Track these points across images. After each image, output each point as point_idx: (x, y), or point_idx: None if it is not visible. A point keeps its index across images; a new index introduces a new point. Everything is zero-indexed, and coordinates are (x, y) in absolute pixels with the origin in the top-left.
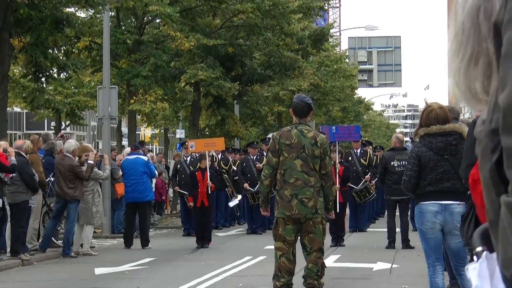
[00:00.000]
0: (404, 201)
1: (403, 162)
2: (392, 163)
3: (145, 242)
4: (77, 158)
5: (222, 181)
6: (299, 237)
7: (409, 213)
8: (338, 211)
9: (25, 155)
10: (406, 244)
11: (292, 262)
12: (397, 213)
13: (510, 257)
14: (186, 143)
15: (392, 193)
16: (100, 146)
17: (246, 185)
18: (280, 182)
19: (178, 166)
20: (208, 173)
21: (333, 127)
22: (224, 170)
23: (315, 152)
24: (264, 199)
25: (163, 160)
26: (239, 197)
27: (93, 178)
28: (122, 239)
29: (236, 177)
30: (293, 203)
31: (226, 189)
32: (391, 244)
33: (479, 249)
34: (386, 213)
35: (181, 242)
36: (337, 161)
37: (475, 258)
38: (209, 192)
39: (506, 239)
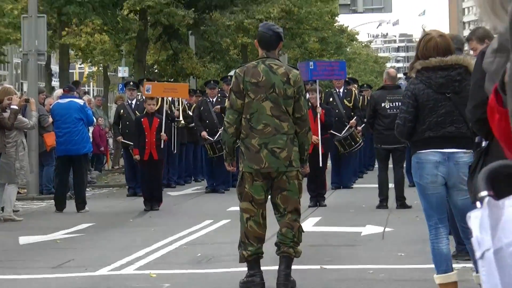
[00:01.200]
0: (398, 150)
1: (396, 103)
2: (382, 104)
3: (81, 204)
4: None
5: (177, 130)
6: (269, 196)
7: (404, 165)
8: (320, 164)
9: None
10: (402, 203)
11: (261, 227)
12: (390, 165)
13: None
14: (136, 85)
15: (383, 141)
16: (25, 88)
17: (204, 133)
18: (246, 129)
19: (121, 111)
20: (160, 120)
21: (311, 63)
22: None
23: (287, 91)
24: (229, 150)
25: (102, 104)
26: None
27: (17, 126)
28: (53, 200)
29: (192, 124)
30: (263, 154)
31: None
32: (383, 203)
33: (483, 193)
34: (376, 166)
35: (125, 204)
36: (317, 104)
37: (478, 204)
38: (162, 144)
39: None
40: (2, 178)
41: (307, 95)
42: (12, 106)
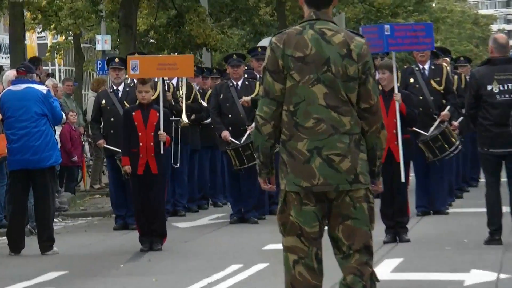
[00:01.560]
0: None
1: (510, 84)
2: (489, 87)
3: (46, 243)
4: None
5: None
6: (326, 228)
7: None
8: (402, 179)
9: None
10: None
11: (315, 273)
12: (504, 179)
13: None
14: (124, 62)
15: (491, 143)
16: None
17: (225, 133)
18: (290, 127)
19: (103, 101)
20: (159, 114)
21: (386, 26)
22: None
23: (348, 69)
24: (265, 159)
25: (74, 92)
26: None
27: None
28: (5, 237)
29: (208, 120)
30: (314, 164)
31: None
32: (494, 236)
33: None
34: (482, 180)
35: (112, 242)
36: (395, 88)
37: None
38: (161, 149)
39: None
40: None
41: (377, 75)
42: None
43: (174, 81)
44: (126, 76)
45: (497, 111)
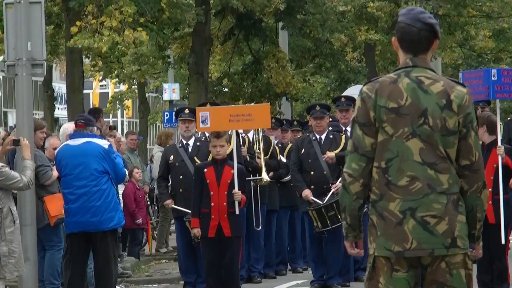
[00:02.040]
0: None
1: None
2: None
3: None
4: None
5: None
6: None
7: None
8: (502, 241)
9: None
10: None
11: None
12: None
13: None
14: (193, 114)
15: None
16: (11, 121)
17: (307, 192)
18: (381, 185)
19: (171, 157)
20: (233, 171)
21: (493, 71)
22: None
23: (448, 122)
24: (352, 221)
25: (138, 146)
26: None
27: (1, 186)
28: None
29: (288, 178)
30: (408, 226)
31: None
32: None
33: None
34: None
35: None
36: (498, 141)
37: None
38: (236, 210)
39: None
40: None
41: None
42: None
43: (250, 135)
44: (197, 129)
45: None
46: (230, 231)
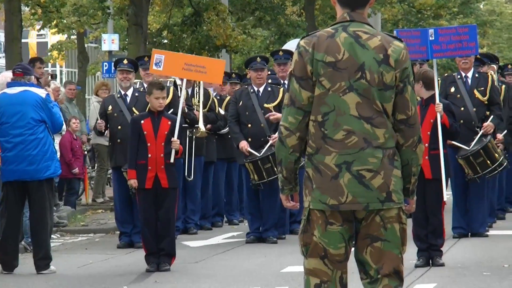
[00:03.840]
0: None
1: None
2: None
3: (42, 261)
4: None
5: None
6: (353, 249)
7: None
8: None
9: None
10: None
11: None
12: None
13: None
14: (133, 64)
15: None
16: None
17: (243, 144)
18: (317, 139)
19: (110, 107)
20: (171, 122)
21: (430, 30)
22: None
23: (385, 77)
24: (288, 174)
25: (77, 96)
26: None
27: None
28: None
29: (226, 130)
30: (343, 180)
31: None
32: None
33: None
34: None
35: (116, 261)
36: (437, 98)
37: None
38: (172, 160)
39: None
40: None
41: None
42: None
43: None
44: (136, 81)
45: None
46: (167, 182)
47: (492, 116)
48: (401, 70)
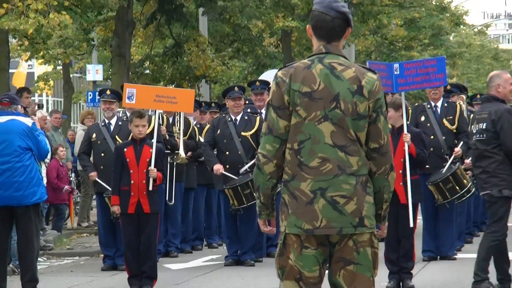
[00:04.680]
0: None
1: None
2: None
3: (29, 283)
4: None
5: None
6: (327, 272)
7: None
8: (410, 223)
9: None
10: None
11: None
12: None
13: None
14: (116, 94)
15: (507, 184)
16: None
17: (218, 166)
18: (293, 166)
19: (94, 135)
20: (152, 149)
21: (395, 65)
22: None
23: (358, 107)
24: (266, 200)
25: (62, 124)
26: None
27: None
28: None
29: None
30: (318, 205)
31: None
32: (504, 285)
33: None
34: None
35: (100, 283)
36: (405, 128)
37: None
38: (150, 188)
39: None
40: None
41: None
42: None
43: (165, 113)
44: (119, 110)
45: None
46: (149, 207)
47: (462, 142)
48: (374, 101)
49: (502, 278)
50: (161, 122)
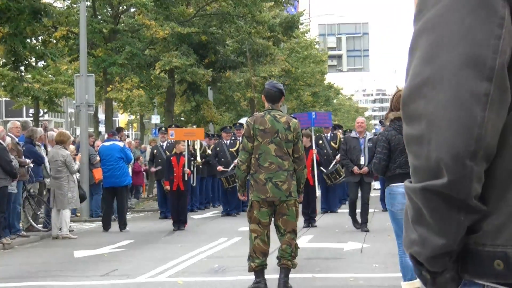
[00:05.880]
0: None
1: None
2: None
3: (123, 225)
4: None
5: (199, 166)
6: (273, 219)
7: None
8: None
9: (2, 142)
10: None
11: (266, 244)
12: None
13: (409, 239)
14: (166, 130)
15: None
16: (78, 133)
17: (220, 167)
18: (255, 166)
19: (155, 151)
20: (185, 158)
21: (313, 113)
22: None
23: (288, 136)
24: (242, 183)
25: (140, 145)
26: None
27: (68, 166)
28: (101, 222)
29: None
30: (268, 186)
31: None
32: (356, 224)
33: None
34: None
35: (158, 225)
36: (313, 146)
37: None
38: (185, 178)
39: (406, 221)
40: (58, 205)
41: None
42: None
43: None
44: (168, 138)
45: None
46: (184, 187)
47: (339, 154)
48: (296, 133)
49: None
50: (188, 145)
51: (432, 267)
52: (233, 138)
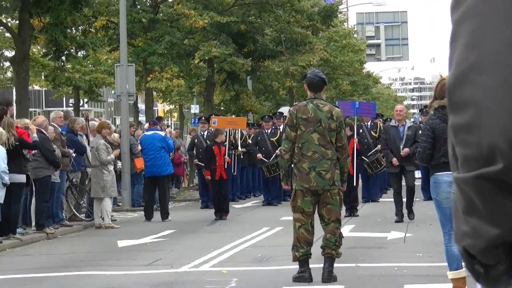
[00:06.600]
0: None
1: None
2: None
3: (164, 215)
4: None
5: (239, 155)
6: (317, 209)
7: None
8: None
9: (45, 132)
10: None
11: (310, 233)
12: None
13: (461, 231)
14: (206, 120)
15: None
16: (118, 122)
17: (259, 155)
18: (298, 155)
19: (196, 140)
20: (226, 147)
21: (357, 103)
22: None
23: (331, 125)
24: (285, 173)
25: (179, 135)
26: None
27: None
28: (143, 212)
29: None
30: (311, 175)
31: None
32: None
33: None
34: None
35: (200, 215)
36: (355, 136)
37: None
38: (225, 165)
39: (456, 213)
40: (92, 193)
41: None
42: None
43: (233, 130)
44: (208, 127)
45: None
46: (226, 176)
47: (380, 144)
48: (339, 122)
49: None
50: (230, 134)
51: (485, 260)
52: (273, 127)
